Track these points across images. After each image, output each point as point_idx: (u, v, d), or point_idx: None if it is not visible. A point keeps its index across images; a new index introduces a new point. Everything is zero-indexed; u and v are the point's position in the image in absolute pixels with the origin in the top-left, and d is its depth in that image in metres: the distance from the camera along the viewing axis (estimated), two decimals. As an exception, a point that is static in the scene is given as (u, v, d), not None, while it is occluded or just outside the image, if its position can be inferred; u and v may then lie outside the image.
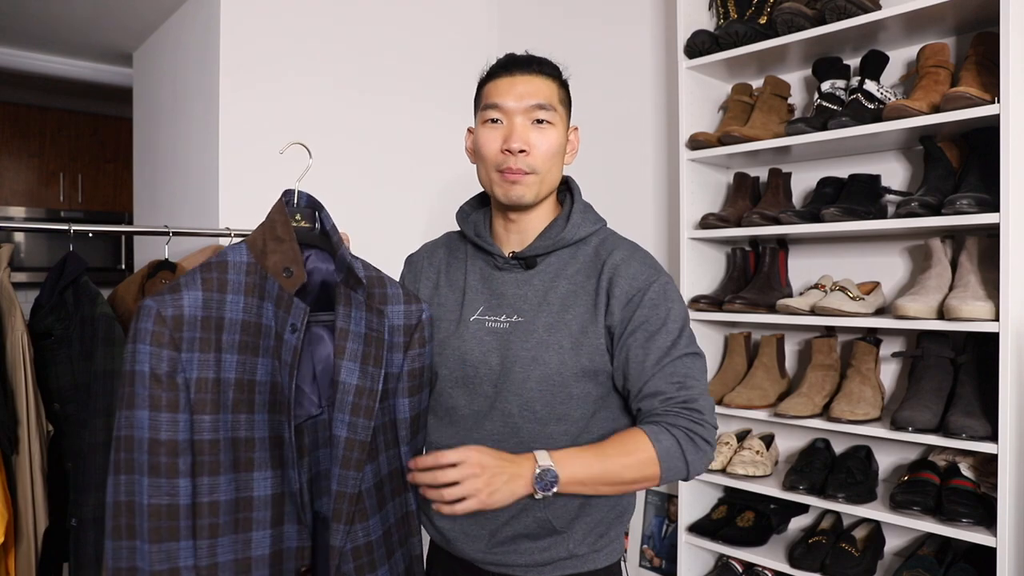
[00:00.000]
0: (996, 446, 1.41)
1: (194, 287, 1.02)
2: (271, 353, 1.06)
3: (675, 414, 1.08)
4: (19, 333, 1.60)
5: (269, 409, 1.05)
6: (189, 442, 0.98)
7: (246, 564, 1.02)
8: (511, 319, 1.17)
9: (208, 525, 0.99)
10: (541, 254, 1.19)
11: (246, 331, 1.04)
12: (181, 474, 0.97)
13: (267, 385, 1.06)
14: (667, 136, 2.23)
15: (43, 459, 1.63)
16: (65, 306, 1.67)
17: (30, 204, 3.91)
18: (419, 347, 1.19)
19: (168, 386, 0.97)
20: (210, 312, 1.02)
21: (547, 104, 1.15)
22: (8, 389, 1.59)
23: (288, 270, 1.07)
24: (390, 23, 2.37)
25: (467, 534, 1.18)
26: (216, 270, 1.04)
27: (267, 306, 1.06)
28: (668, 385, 1.10)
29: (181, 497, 0.97)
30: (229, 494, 1.01)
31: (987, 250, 1.55)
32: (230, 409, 1.02)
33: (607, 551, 1.20)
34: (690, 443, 1.06)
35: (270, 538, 1.04)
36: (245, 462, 1.03)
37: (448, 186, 2.45)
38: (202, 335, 1.00)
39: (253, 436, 1.04)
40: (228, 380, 1.02)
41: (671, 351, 1.12)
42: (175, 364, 0.97)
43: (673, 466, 1.06)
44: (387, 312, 1.15)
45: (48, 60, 3.00)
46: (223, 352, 1.02)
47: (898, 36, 1.72)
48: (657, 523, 2.19)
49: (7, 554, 1.59)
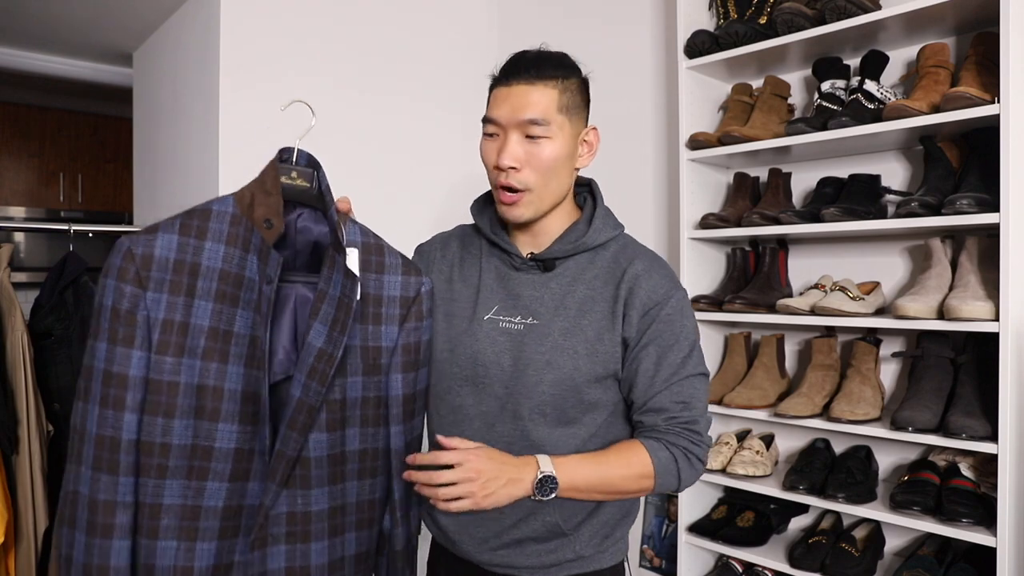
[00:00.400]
0: (996, 446, 1.41)
1: (171, 231, 1.02)
2: (252, 307, 1.05)
3: (676, 433, 1.12)
4: (19, 333, 1.60)
5: (246, 363, 1.04)
6: (142, 380, 0.98)
7: (194, 512, 1.01)
8: (526, 321, 1.16)
9: (156, 465, 0.99)
10: (560, 257, 1.18)
11: (224, 280, 1.03)
12: (128, 409, 0.97)
13: (246, 339, 1.04)
14: (667, 136, 2.23)
15: (43, 459, 1.63)
16: (65, 306, 1.67)
17: (30, 204, 3.91)
18: (416, 320, 1.16)
19: (126, 322, 0.98)
20: (184, 256, 1.01)
21: (540, 119, 1.11)
22: (8, 389, 1.59)
23: (268, 221, 1.07)
24: (390, 23, 2.37)
25: (472, 536, 1.18)
26: (197, 218, 1.04)
27: (251, 259, 1.05)
28: (673, 404, 1.13)
29: (125, 432, 0.97)
30: (184, 439, 1.00)
31: (987, 250, 1.55)
32: (199, 355, 1.01)
33: (612, 551, 1.21)
34: (686, 461, 1.11)
35: (226, 491, 1.03)
36: (211, 411, 1.01)
37: (451, 188, 2.45)
38: (173, 277, 1.00)
39: (223, 386, 1.02)
40: (199, 326, 1.01)
41: (680, 370, 1.14)
42: (136, 301, 0.98)
43: (667, 481, 1.11)
44: (384, 282, 1.14)
45: (48, 60, 2.99)
46: (196, 298, 1.01)
47: (898, 36, 1.72)
48: (657, 523, 2.19)
49: (7, 554, 1.59)
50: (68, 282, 1.67)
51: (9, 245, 1.67)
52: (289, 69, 2.15)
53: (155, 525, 0.99)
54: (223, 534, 1.03)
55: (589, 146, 1.20)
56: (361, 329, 1.12)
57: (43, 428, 1.65)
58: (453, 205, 1.32)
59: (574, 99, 1.15)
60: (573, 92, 1.15)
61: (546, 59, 1.14)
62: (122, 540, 0.97)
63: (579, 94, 1.16)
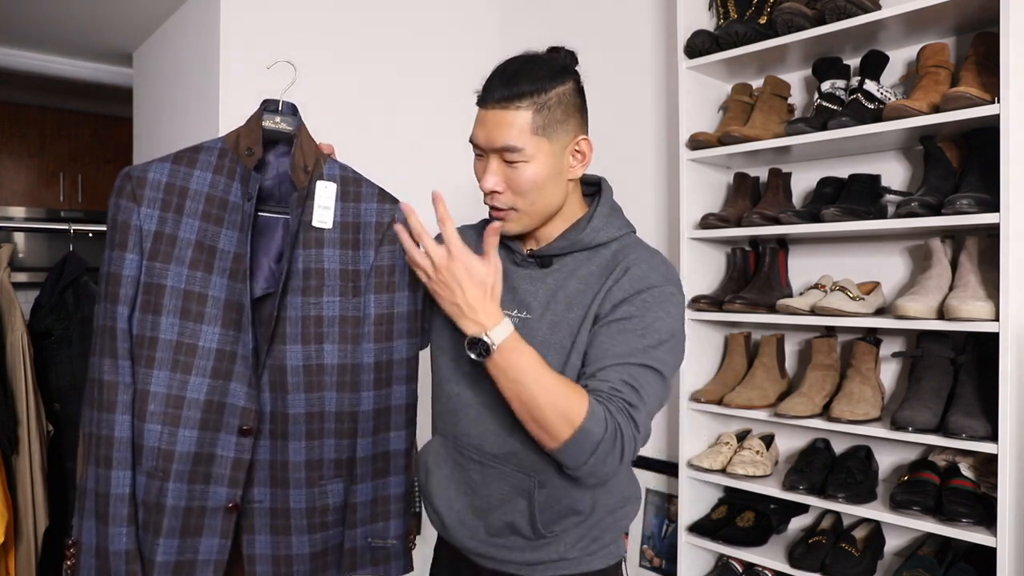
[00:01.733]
0: (996, 446, 1.41)
1: (166, 161, 1.20)
2: (236, 227, 1.19)
3: (618, 408, 1.02)
4: (19, 333, 1.60)
5: (230, 276, 1.18)
6: (134, 279, 1.14)
7: (178, 400, 1.15)
8: (520, 315, 1.16)
9: (146, 356, 1.14)
10: (557, 254, 1.18)
11: (210, 203, 1.18)
12: (121, 301, 1.14)
13: (230, 255, 1.18)
14: (667, 136, 2.23)
15: (43, 459, 1.63)
16: (65, 306, 1.67)
17: (30, 204, 3.91)
18: (390, 244, 1.25)
19: (121, 229, 1.15)
20: (175, 180, 1.18)
21: (512, 146, 1.08)
22: (8, 389, 1.59)
23: (250, 149, 1.22)
24: (391, 22, 2.37)
25: (463, 523, 1.20)
26: (190, 151, 1.21)
27: (236, 185, 1.20)
28: (621, 382, 1.04)
29: (119, 321, 1.14)
30: (169, 335, 1.15)
31: (987, 250, 1.55)
32: (186, 264, 1.16)
33: (602, 555, 1.20)
34: (611, 444, 1.01)
35: (207, 386, 1.16)
36: (195, 314, 1.16)
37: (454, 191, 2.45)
38: (164, 197, 1.17)
39: (207, 293, 1.17)
40: (187, 239, 1.16)
41: (640, 355, 1.06)
42: (129, 213, 1.15)
43: (583, 442, 1.00)
44: (360, 210, 1.26)
45: (48, 60, 2.99)
46: (184, 215, 1.17)
47: (898, 36, 1.72)
48: (657, 523, 2.19)
49: (7, 554, 1.59)
50: (68, 282, 1.67)
51: (9, 245, 1.67)
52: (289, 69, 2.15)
53: (144, 409, 1.14)
54: (204, 425, 1.16)
55: (581, 156, 1.16)
56: (341, 254, 1.24)
57: (43, 428, 1.66)
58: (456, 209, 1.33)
59: (553, 115, 1.10)
60: (552, 107, 1.09)
61: (522, 75, 1.09)
62: (124, 415, 1.13)
63: (560, 107, 1.10)
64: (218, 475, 1.17)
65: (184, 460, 1.15)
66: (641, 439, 1.05)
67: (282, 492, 1.21)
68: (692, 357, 1.95)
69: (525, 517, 1.14)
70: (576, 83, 1.15)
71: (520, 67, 1.11)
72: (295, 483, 1.21)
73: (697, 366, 1.98)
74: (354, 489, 1.25)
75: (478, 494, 1.18)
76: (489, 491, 1.16)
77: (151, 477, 1.14)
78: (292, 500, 1.21)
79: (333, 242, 1.23)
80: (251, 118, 1.25)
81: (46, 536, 1.65)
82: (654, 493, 2.22)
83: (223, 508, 1.18)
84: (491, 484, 1.16)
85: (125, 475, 1.13)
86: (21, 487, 1.62)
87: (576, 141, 1.15)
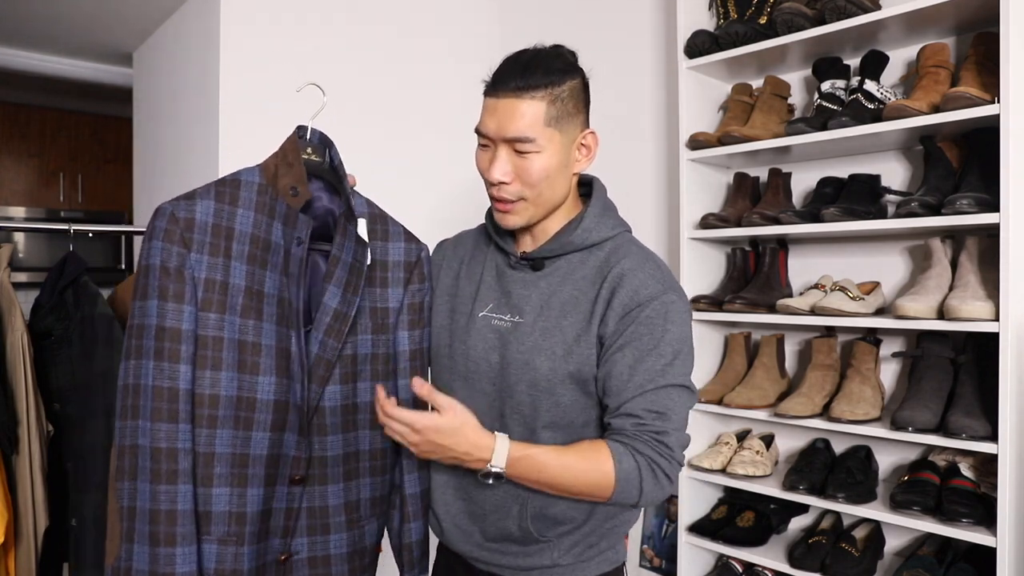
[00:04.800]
0: (996, 446, 1.41)
1: (207, 197, 1.10)
2: (279, 269, 1.13)
3: (644, 441, 1.06)
4: (19, 333, 1.60)
5: (277, 321, 1.12)
6: (193, 333, 1.06)
7: (244, 459, 1.08)
8: (514, 319, 1.16)
9: (207, 415, 1.06)
10: (549, 256, 1.18)
11: (255, 244, 1.11)
12: (183, 360, 1.04)
13: (275, 298, 1.12)
14: (667, 136, 2.23)
15: (43, 459, 1.63)
16: (65, 306, 1.67)
17: (30, 204, 3.91)
18: (419, 283, 1.26)
19: (176, 278, 1.05)
20: (220, 221, 1.09)
21: (525, 136, 1.07)
22: (8, 389, 1.59)
23: (294, 189, 1.15)
24: (391, 22, 2.37)
25: (459, 527, 1.20)
26: (230, 186, 1.12)
27: (276, 225, 1.14)
28: (645, 412, 1.06)
29: (181, 382, 1.04)
30: (231, 391, 1.07)
31: (987, 250, 1.55)
32: (238, 313, 1.08)
33: (598, 561, 1.19)
34: (651, 474, 1.05)
35: (268, 440, 1.10)
36: (251, 365, 1.09)
37: (457, 194, 2.45)
38: (212, 240, 1.08)
39: (260, 342, 1.10)
40: (237, 286, 1.08)
41: (658, 378, 1.07)
42: (183, 260, 1.06)
43: (627, 491, 1.05)
44: (387, 248, 1.25)
45: (48, 60, 2.99)
46: (232, 259, 1.09)
47: (898, 36, 1.72)
48: (657, 523, 2.19)
49: (7, 554, 1.59)
50: (68, 282, 1.67)
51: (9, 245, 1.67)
52: (289, 69, 2.15)
53: (209, 473, 1.06)
54: (268, 481, 1.11)
55: (587, 150, 1.16)
56: (370, 292, 1.22)
57: (43, 428, 1.65)
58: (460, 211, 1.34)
59: (565, 107, 1.10)
60: (564, 100, 1.10)
61: (536, 65, 1.09)
62: (186, 485, 1.04)
63: (572, 100, 1.11)
64: (273, 528, 1.13)
65: (255, 521, 1.09)
66: (677, 455, 1.08)
67: (322, 539, 1.18)
68: (692, 357, 1.95)
69: (518, 523, 1.14)
70: (584, 79, 1.16)
71: (534, 58, 1.10)
72: (335, 527, 1.18)
73: (697, 366, 1.95)
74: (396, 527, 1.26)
75: (474, 500, 1.18)
76: (484, 497, 1.16)
77: (223, 544, 1.07)
78: (332, 546, 1.18)
79: (365, 279, 1.21)
80: (287, 149, 1.18)
81: (46, 536, 1.65)
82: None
83: (276, 561, 1.14)
84: (486, 490, 1.16)
85: (192, 551, 1.04)
86: (21, 487, 1.62)
87: (583, 135, 1.15)
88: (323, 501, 1.17)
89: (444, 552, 1.29)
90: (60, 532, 1.69)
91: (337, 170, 1.23)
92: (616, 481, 1.04)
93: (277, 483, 1.13)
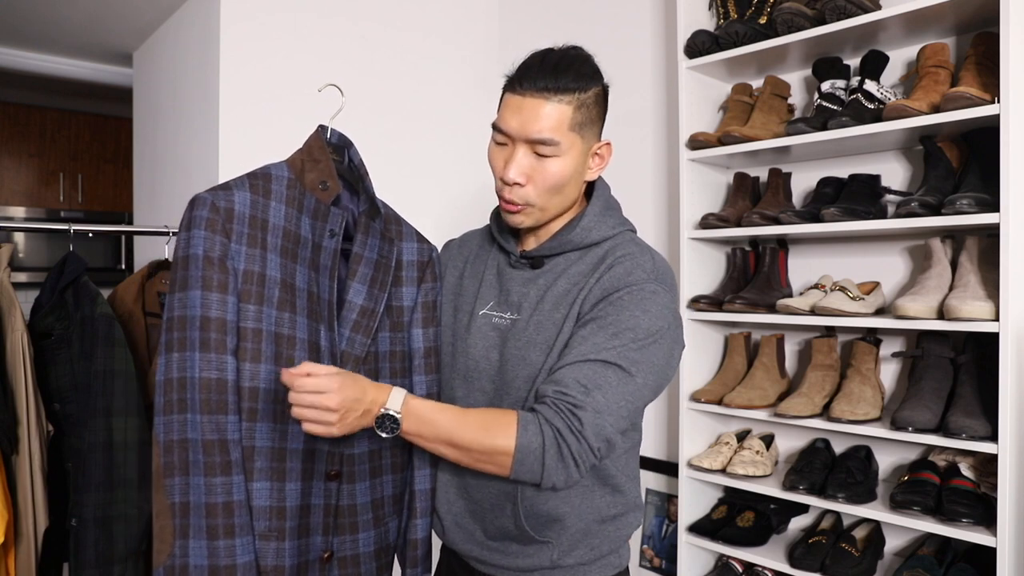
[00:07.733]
0: (996, 446, 1.41)
1: (243, 188, 1.10)
2: (308, 264, 1.13)
3: (557, 411, 0.99)
4: (19, 333, 1.60)
5: (308, 315, 1.12)
6: (235, 324, 1.04)
7: (282, 453, 1.08)
8: (512, 317, 1.16)
9: (247, 408, 1.05)
10: (548, 255, 1.18)
11: (287, 238, 1.11)
12: (229, 351, 1.03)
13: (305, 292, 1.12)
14: (667, 136, 2.23)
15: (43, 459, 1.63)
16: (65, 306, 1.67)
17: (30, 204, 3.91)
18: (431, 281, 1.29)
19: (220, 268, 1.04)
20: (256, 213, 1.09)
21: (549, 139, 1.06)
22: (8, 389, 1.59)
23: (324, 183, 1.16)
24: (391, 22, 2.37)
25: (460, 526, 1.20)
26: (262, 179, 1.13)
27: (304, 219, 1.14)
28: (573, 381, 1.00)
29: (229, 372, 1.03)
30: (268, 384, 1.06)
31: (987, 250, 1.55)
32: (275, 305, 1.08)
33: (600, 564, 1.18)
34: (556, 450, 0.99)
35: (303, 434, 1.09)
36: (287, 358, 1.08)
37: (460, 195, 2.45)
38: (250, 231, 1.07)
39: (295, 335, 1.09)
40: (273, 278, 1.08)
41: (603, 351, 1.02)
42: (226, 250, 1.05)
43: (527, 465, 0.99)
44: (402, 248, 1.26)
45: (48, 60, 3.00)
46: (268, 251, 1.08)
47: (898, 36, 1.72)
48: (657, 523, 2.19)
49: (7, 554, 1.59)
50: (68, 282, 1.67)
51: (9, 245, 1.67)
52: (289, 69, 2.15)
53: (250, 467, 1.05)
54: (304, 476, 1.11)
55: (600, 159, 1.16)
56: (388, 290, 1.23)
57: (43, 428, 1.65)
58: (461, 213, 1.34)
59: (589, 114, 1.09)
60: (589, 106, 1.09)
61: (566, 68, 1.07)
62: (239, 475, 1.03)
63: (595, 107, 1.11)
64: (314, 525, 1.13)
65: (294, 515, 1.09)
66: (589, 433, 0.99)
67: (351, 538, 1.18)
68: (692, 357, 1.95)
69: (514, 522, 1.14)
70: (605, 89, 1.15)
71: (563, 60, 1.08)
72: (363, 526, 1.19)
73: (697, 366, 1.98)
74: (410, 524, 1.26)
75: (473, 497, 1.18)
76: (482, 494, 1.16)
77: (264, 539, 1.06)
78: (361, 544, 1.19)
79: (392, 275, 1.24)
80: (312, 145, 1.18)
81: (46, 536, 1.65)
82: (654, 493, 2.22)
83: (320, 559, 1.15)
84: (483, 488, 1.16)
85: (249, 541, 1.03)
86: (21, 487, 1.62)
87: (599, 145, 1.15)
88: (352, 499, 1.18)
89: (446, 553, 1.29)
90: (60, 532, 1.69)
91: (356, 169, 1.24)
92: (516, 450, 0.98)
93: (314, 478, 1.13)
